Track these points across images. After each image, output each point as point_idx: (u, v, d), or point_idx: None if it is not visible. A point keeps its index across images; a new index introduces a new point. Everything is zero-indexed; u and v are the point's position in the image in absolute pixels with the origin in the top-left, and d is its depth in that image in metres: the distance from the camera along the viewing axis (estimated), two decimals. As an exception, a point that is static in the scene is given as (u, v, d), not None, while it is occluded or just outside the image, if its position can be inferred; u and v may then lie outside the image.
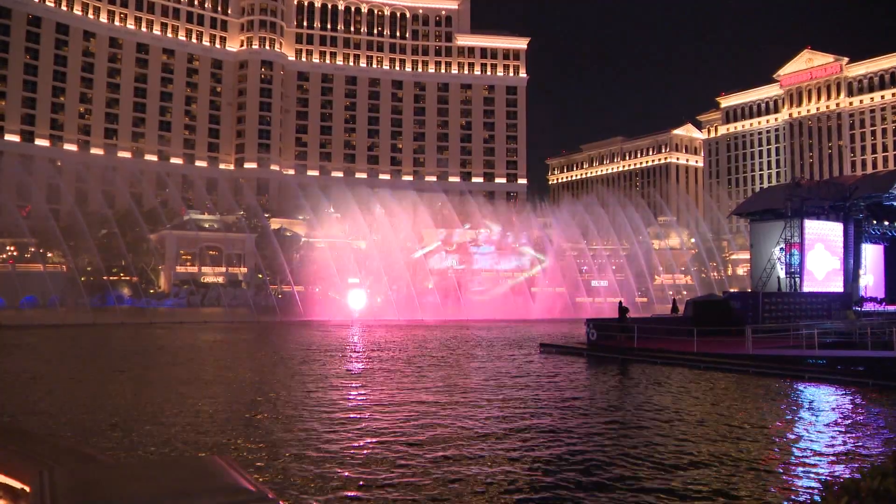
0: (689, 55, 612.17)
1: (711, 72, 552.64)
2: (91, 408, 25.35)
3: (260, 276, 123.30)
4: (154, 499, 4.96)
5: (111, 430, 21.10)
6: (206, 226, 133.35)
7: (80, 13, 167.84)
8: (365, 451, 18.59)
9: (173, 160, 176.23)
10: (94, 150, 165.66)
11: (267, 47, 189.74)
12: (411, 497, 14.59)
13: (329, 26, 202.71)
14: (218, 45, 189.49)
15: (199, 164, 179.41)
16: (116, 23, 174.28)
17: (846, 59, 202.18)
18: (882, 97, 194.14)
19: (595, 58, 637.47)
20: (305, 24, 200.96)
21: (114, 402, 26.54)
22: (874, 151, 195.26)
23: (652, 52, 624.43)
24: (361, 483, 15.56)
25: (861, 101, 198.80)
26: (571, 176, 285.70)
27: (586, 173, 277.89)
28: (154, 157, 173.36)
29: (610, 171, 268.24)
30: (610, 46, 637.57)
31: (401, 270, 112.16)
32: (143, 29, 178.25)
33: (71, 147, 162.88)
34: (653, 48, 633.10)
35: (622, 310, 49.89)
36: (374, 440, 20.05)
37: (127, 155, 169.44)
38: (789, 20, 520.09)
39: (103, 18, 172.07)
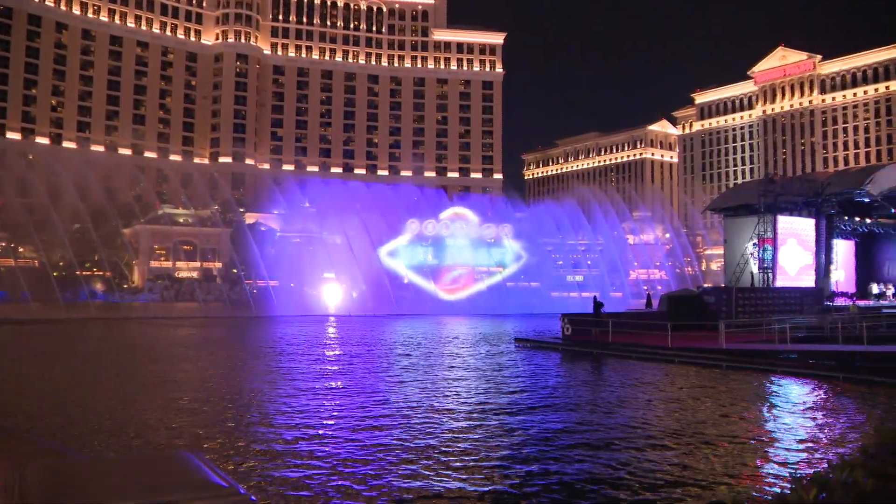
0: (664, 51, 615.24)
1: (686, 68, 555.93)
2: (63, 406, 25.12)
3: (234, 270, 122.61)
4: (125, 495, 4.95)
5: (83, 429, 20.92)
6: (181, 220, 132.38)
7: (52, 5, 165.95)
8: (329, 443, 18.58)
9: (147, 154, 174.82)
10: (66, 144, 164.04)
11: (242, 41, 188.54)
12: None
13: (305, 20, 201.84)
14: (193, 38, 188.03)
15: (174, 157, 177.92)
16: (89, 15, 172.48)
17: (819, 57, 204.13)
18: (854, 95, 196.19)
19: (571, 53, 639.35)
20: (281, 17, 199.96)
21: (85, 401, 26.33)
22: (846, 148, 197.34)
23: (627, 48, 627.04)
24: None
25: (834, 99, 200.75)
26: (547, 171, 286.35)
27: (562, 168, 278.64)
28: (128, 151, 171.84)
29: (585, 166, 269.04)
30: (586, 42, 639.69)
31: (375, 265, 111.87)
32: (117, 21, 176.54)
33: (43, 140, 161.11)
34: (628, 43, 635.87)
35: (597, 305, 50.06)
36: (345, 434, 20.03)
37: (100, 148, 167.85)
38: (764, 17, 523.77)
39: (76, 10, 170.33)
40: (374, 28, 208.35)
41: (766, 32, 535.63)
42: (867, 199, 63.16)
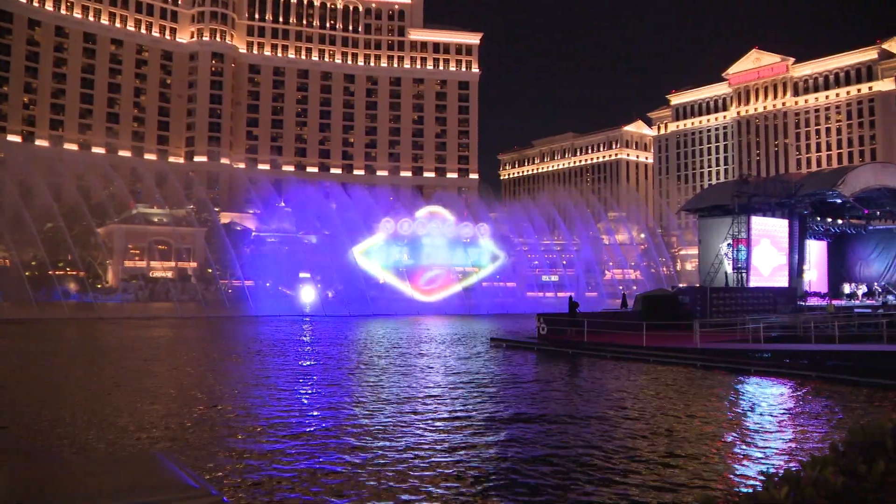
0: (640, 53, 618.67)
1: (662, 69, 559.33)
2: (35, 407, 24.88)
3: (210, 270, 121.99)
4: (96, 496, 4.96)
5: (55, 430, 20.71)
6: (155, 220, 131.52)
7: (24, 1, 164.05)
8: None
9: (122, 153, 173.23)
10: (39, 142, 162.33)
11: (218, 39, 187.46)
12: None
13: (281, 19, 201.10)
14: (168, 37, 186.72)
15: (149, 156, 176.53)
16: (63, 11, 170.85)
17: (792, 60, 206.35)
18: (826, 97, 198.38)
19: (547, 53, 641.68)
20: (257, 16, 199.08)
21: (59, 402, 26.08)
22: (818, 150, 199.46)
23: (604, 49, 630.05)
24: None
25: (806, 101, 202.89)
26: (523, 171, 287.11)
27: (538, 169, 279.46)
28: (102, 150, 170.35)
29: (561, 166, 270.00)
30: (562, 42, 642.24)
31: (351, 265, 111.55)
32: (91, 18, 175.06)
33: (14, 138, 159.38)
34: (605, 45, 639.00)
35: (572, 304, 50.17)
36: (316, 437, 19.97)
37: (73, 147, 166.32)
38: (738, 20, 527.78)
39: (49, 7, 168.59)
40: (351, 27, 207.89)
41: (740, 35, 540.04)
42: (839, 200, 63.64)
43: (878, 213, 69.93)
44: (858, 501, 3.59)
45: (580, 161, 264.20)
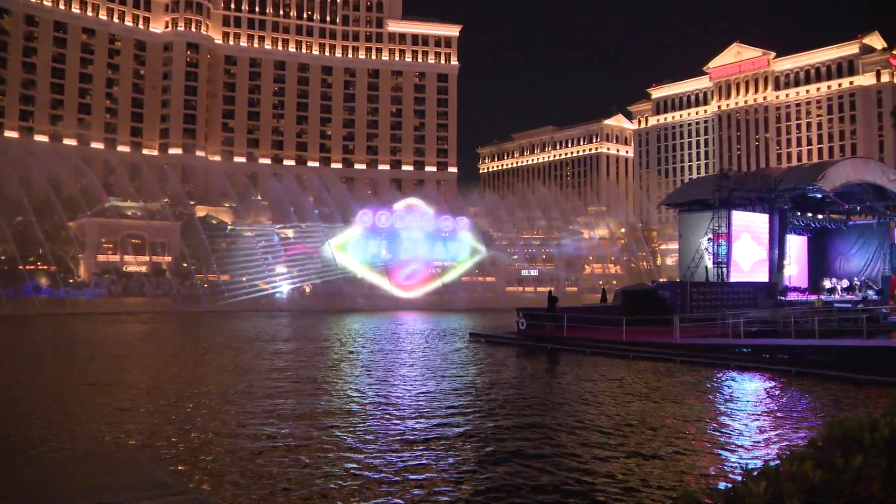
0: (620, 45, 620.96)
1: (643, 63, 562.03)
2: (9, 405, 24.22)
3: (185, 264, 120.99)
4: (75, 495, 4.94)
5: (32, 429, 20.11)
6: (129, 213, 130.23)
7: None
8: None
9: (94, 145, 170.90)
10: (8, 134, 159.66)
11: (193, 29, 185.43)
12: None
13: (258, 9, 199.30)
14: (141, 26, 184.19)
15: (122, 149, 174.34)
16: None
17: (773, 54, 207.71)
18: (807, 91, 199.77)
19: (527, 46, 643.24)
20: (233, 6, 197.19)
21: (34, 402, 25.47)
22: (799, 144, 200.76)
23: (584, 42, 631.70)
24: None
25: (787, 95, 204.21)
26: (502, 165, 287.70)
27: (517, 162, 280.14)
28: (73, 142, 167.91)
29: (541, 160, 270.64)
30: (542, 35, 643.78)
31: (328, 259, 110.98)
32: (62, 6, 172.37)
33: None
34: (585, 37, 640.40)
35: (552, 299, 49.80)
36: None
37: (44, 139, 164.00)
38: (720, 14, 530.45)
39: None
40: (328, 19, 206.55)
41: (723, 30, 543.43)
42: (819, 195, 63.67)
43: (859, 208, 70.08)
44: (836, 495, 3.63)
45: (560, 155, 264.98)
